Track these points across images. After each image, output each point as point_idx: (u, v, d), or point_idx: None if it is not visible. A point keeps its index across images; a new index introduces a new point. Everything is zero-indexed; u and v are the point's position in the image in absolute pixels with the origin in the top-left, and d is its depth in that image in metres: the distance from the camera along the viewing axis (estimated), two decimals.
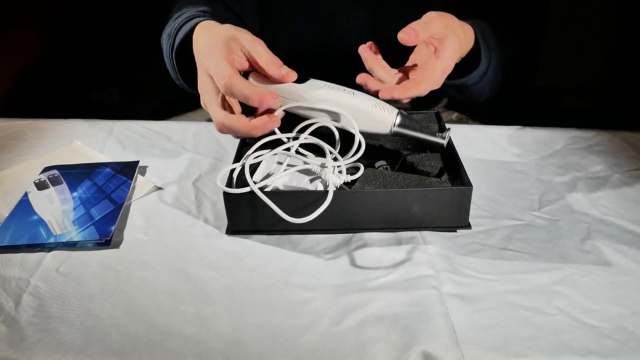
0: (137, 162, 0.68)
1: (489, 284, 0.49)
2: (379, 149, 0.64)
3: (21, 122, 0.81)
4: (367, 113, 0.57)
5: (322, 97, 0.57)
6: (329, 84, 0.59)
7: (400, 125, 0.57)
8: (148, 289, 0.49)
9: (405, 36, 0.55)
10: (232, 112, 0.57)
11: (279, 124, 0.56)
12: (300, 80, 0.58)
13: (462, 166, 0.57)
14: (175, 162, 0.70)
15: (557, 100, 1.59)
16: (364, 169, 0.57)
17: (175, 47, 0.64)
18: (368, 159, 0.61)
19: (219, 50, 0.54)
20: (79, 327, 0.44)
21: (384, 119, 0.57)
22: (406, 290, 0.48)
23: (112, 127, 0.79)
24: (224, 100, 0.56)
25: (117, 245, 0.54)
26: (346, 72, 0.60)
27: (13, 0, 1.19)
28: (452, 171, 0.59)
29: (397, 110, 0.57)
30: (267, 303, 0.47)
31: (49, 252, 0.53)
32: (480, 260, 0.52)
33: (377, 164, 0.60)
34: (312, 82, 0.58)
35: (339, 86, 0.59)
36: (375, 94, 0.58)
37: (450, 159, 0.60)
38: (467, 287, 0.49)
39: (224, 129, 0.55)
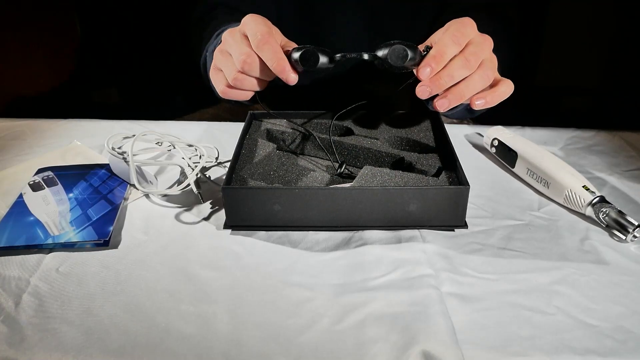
0: None
1: (488, 284, 0.49)
2: (378, 148, 0.64)
3: (21, 122, 0.81)
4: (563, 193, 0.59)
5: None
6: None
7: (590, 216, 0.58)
8: (148, 288, 0.49)
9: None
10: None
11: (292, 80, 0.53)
12: None
13: (460, 165, 0.57)
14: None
15: (557, 100, 1.59)
16: (360, 170, 0.57)
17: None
18: (368, 157, 0.61)
19: (264, 21, 0.53)
20: (79, 327, 0.44)
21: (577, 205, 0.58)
22: (406, 290, 0.48)
23: (112, 127, 0.79)
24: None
25: (116, 245, 0.54)
26: (341, 77, 0.59)
27: (13, 2, 1.19)
28: (450, 170, 0.59)
29: (590, 200, 0.57)
30: (267, 302, 0.47)
31: (48, 252, 0.53)
32: (480, 260, 0.52)
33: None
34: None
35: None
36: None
37: (448, 158, 0.60)
38: (466, 287, 0.49)
39: (248, 61, 0.52)
